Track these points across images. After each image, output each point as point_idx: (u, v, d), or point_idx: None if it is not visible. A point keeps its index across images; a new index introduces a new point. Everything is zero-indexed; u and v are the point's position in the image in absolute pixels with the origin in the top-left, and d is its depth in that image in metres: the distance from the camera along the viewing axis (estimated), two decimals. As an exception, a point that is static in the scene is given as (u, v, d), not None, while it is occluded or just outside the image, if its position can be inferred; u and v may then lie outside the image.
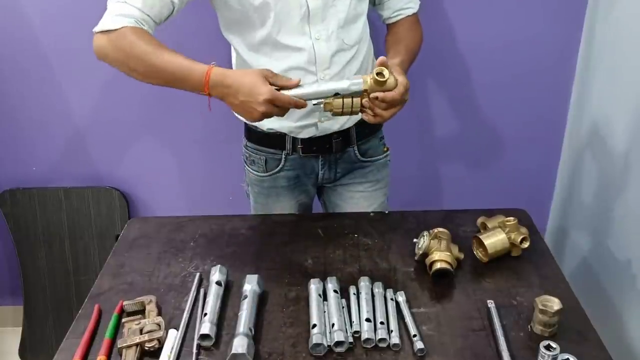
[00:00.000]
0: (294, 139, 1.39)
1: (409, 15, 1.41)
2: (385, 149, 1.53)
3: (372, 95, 1.12)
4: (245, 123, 1.44)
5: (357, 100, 1.13)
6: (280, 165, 1.43)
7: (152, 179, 2.03)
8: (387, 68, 1.11)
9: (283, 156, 1.42)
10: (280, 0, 1.21)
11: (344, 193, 1.52)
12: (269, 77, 1.10)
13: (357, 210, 1.51)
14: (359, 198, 1.52)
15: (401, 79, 1.13)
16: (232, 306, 1.13)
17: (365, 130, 1.44)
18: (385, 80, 1.11)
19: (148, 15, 1.14)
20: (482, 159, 1.99)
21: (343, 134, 1.40)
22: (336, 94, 1.13)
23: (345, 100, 1.13)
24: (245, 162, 1.50)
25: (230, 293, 1.17)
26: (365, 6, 1.34)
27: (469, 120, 1.92)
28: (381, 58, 1.13)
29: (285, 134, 1.38)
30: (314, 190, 1.55)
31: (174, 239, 1.35)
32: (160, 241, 1.34)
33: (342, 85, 1.12)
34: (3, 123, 1.93)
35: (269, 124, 1.37)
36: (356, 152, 1.45)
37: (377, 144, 1.50)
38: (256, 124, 1.39)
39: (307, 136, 1.38)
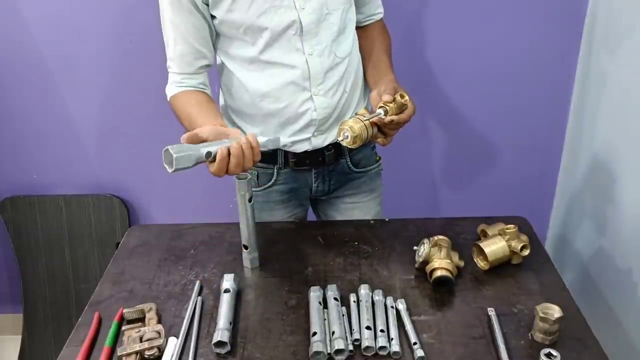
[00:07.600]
0: (286, 153, 1.37)
1: (377, 20, 1.44)
2: (378, 158, 1.52)
3: (388, 119, 1.14)
4: None
5: (374, 127, 1.16)
6: (273, 180, 1.42)
7: (152, 186, 2.03)
8: (404, 90, 1.17)
9: (275, 170, 1.41)
10: (273, 20, 1.20)
11: (338, 205, 1.51)
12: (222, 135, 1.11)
13: None
14: (353, 209, 1.51)
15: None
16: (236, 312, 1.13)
17: None
18: (407, 103, 1.17)
19: (186, 73, 1.29)
20: (482, 167, 2.00)
21: (336, 145, 1.39)
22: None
23: (367, 127, 1.14)
24: None
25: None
26: (353, 14, 1.33)
27: (469, 127, 1.93)
28: (390, 83, 1.19)
29: (277, 149, 1.37)
30: (308, 203, 1.54)
31: (174, 247, 1.35)
32: (161, 249, 1.34)
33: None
34: (4, 131, 1.94)
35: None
36: (349, 163, 1.44)
37: (369, 154, 1.48)
38: None
39: (300, 151, 1.37)
